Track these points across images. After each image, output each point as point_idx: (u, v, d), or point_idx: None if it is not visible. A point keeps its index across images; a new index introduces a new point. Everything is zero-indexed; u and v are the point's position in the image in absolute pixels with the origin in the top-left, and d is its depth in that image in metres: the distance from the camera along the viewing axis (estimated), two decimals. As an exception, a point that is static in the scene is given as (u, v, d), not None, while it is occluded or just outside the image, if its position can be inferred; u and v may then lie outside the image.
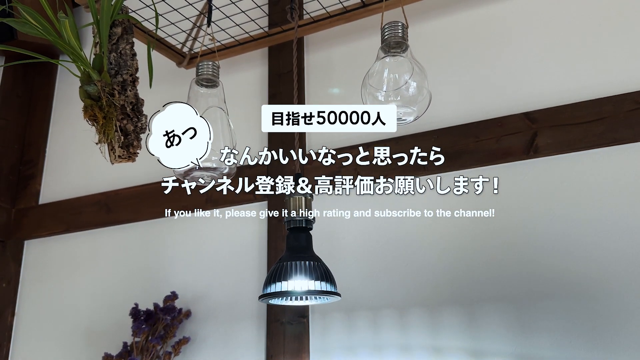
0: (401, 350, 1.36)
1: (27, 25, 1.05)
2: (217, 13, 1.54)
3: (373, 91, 1.11)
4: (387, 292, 1.42)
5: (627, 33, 1.37)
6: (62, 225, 1.96)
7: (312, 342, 1.47)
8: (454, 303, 1.35)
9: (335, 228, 1.52)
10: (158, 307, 1.56)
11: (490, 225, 1.36)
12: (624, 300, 1.20)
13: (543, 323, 1.25)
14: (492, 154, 1.40)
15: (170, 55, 1.66)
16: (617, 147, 1.30)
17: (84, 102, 1.08)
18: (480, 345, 1.30)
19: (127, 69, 1.11)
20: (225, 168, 1.17)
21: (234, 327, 1.58)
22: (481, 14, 1.55)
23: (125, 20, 1.15)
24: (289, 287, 1.00)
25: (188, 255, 1.72)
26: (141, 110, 1.13)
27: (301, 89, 1.70)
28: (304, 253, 1.05)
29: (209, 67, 1.21)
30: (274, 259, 1.54)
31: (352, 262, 1.48)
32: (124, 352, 1.52)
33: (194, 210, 1.73)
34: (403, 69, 1.10)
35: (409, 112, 1.10)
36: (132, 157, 1.09)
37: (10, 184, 2.09)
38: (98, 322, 1.76)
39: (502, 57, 1.49)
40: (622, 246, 1.23)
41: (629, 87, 1.32)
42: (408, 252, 1.43)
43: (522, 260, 1.31)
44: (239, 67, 1.81)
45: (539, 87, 1.42)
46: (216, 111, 1.18)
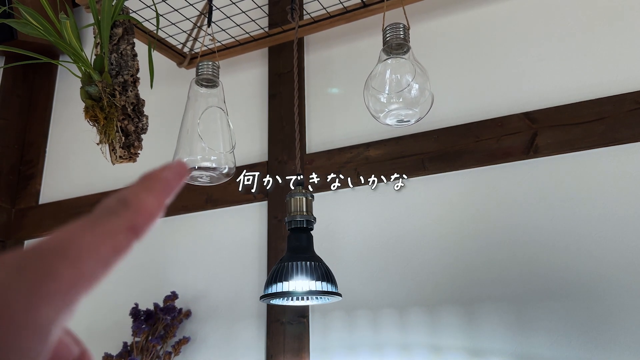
0: (401, 350, 1.36)
1: (28, 26, 1.05)
2: (217, 13, 1.54)
3: (375, 93, 1.11)
4: (387, 291, 1.42)
5: (627, 33, 1.37)
6: (62, 225, 1.95)
7: (312, 342, 1.47)
8: (453, 302, 1.35)
9: (336, 228, 1.53)
10: (158, 307, 1.56)
11: (490, 225, 1.36)
12: (623, 300, 1.21)
13: (543, 323, 1.26)
14: (492, 154, 1.40)
15: (171, 55, 1.66)
16: (617, 147, 1.30)
17: (85, 102, 1.08)
18: (480, 344, 1.30)
19: (128, 70, 1.11)
20: (225, 168, 1.17)
21: (234, 327, 1.58)
22: (481, 14, 1.55)
23: (126, 21, 1.15)
24: (290, 288, 1.00)
25: (188, 255, 1.72)
26: (142, 110, 1.13)
27: (301, 89, 1.70)
28: (305, 253, 1.05)
29: (209, 67, 1.21)
30: (274, 259, 1.54)
31: (353, 262, 1.48)
32: (124, 352, 1.53)
33: (193, 210, 1.73)
34: (405, 70, 1.11)
35: (411, 114, 1.10)
36: (133, 157, 1.09)
37: (10, 184, 2.09)
38: (98, 322, 1.76)
39: (502, 57, 1.49)
40: (622, 246, 1.23)
41: (629, 87, 1.32)
42: (408, 252, 1.43)
43: (522, 260, 1.31)
44: (239, 67, 1.81)
45: (539, 87, 1.42)
46: (216, 111, 1.18)
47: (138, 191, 0.22)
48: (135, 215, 0.21)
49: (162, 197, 0.22)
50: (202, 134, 1.12)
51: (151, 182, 0.22)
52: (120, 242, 0.20)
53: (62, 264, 0.18)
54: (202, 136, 1.12)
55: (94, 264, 0.19)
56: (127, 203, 0.21)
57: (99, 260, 0.19)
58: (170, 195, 0.23)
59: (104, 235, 0.19)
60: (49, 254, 0.18)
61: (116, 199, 0.21)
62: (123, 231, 0.20)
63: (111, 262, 0.19)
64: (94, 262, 0.19)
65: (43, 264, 0.18)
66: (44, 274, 0.17)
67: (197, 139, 1.12)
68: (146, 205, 0.21)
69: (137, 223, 0.21)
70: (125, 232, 0.20)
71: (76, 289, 0.18)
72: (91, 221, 0.20)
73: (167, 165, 0.23)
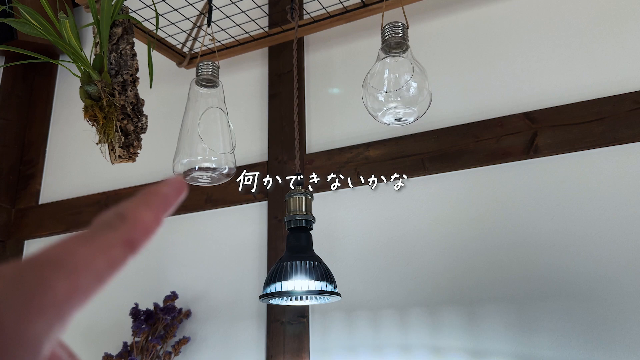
0: (401, 350, 1.36)
1: (27, 26, 1.05)
2: (217, 13, 1.54)
3: (374, 92, 1.11)
4: (387, 291, 1.42)
5: (627, 33, 1.37)
6: (62, 225, 1.96)
7: (312, 342, 1.47)
8: (454, 303, 1.35)
9: (336, 228, 1.53)
10: (158, 307, 1.56)
11: (490, 225, 1.36)
12: (624, 300, 1.20)
13: (543, 323, 1.26)
14: (492, 154, 1.40)
15: (171, 55, 1.66)
16: (617, 147, 1.30)
17: (85, 102, 1.08)
18: (480, 345, 1.30)
19: (127, 69, 1.11)
20: (225, 168, 1.17)
21: (234, 327, 1.58)
22: (481, 14, 1.55)
23: (125, 21, 1.15)
24: (290, 287, 1.00)
25: (188, 255, 1.72)
26: (141, 110, 1.13)
27: (301, 89, 1.70)
28: (305, 253, 1.05)
29: (209, 67, 1.21)
30: (274, 258, 1.54)
31: (352, 262, 1.48)
32: (124, 352, 1.52)
33: (193, 210, 1.73)
34: (403, 69, 1.10)
35: (410, 113, 1.10)
36: (132, 157, 1.09)
37: (10, 184, 2.09)
38: (98, 322, 1.76)
39: (502, 57, 1.49)
40: (622, 246, 1.23)
41: (629, 87, 1.32)
42: (408, 252, 1.43)
43: (522, 260, 1.31)
44: (239, 67, 1.81)
45: (539, 87, 1.42)
46: (216, 111, 1.18)
47: (136, 205, 0.22)
48: (132, 229, 0.21)
49: (160, 212, 0.22)
50: (202, 135, 1.12)
51: (150, 197, 0.22)
52: (116, 255, 0.20)
53: (56, 276, 0.18)
54: (202, 137, 1.12)
55: (89, 277, 0.19)
56: (124, 217, 0.21)
57: (94, 273, 0.19)
58: (168, 210, 0.23)
59: (99, 249, 0.19)
60: (45, 265, 0.18)
61: (114, 212, 0.21)
62: (119, 245, 0.20)
63: (106, 275, 0.19)
64: (89, 275, 0.19)
65: (38, 276, 0.18)
66: (37, 286, 0.17)
67: (198, 139, 1.12)
68: (143, 220, 0.21)
69: (134, 237, 0.21)
70: (121, 245, 0.20)
71: (70, 302, 0.18)
72: (88, 234, 0.20)
73: (166, 181, 0.23)
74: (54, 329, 0.18)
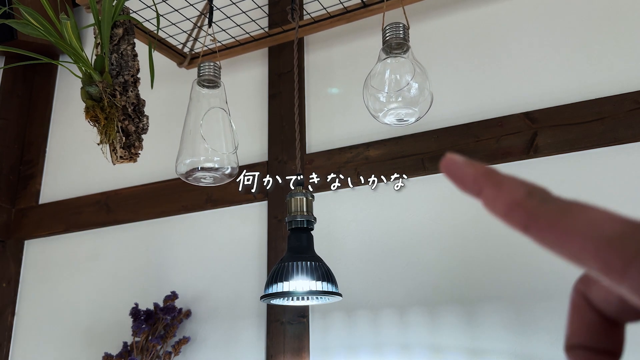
0: (401, 350, 1.37)
1: (28, 26, 1.05)
2: (217, 13, 1.54)
3: (375, 92, 1.11)
4: (387, 291, 1.42)
5: (627, 33, 1.37)
6: (62, 225, 1.96)
7: (312, 342, 1.47)
8: (453, 302, 1.35)
9: (336, 228, 1.53)
10: (158, 307, 1.56)
11: (490, 225, 1.36)
12: (623, 300, 1.21)
13: (543, 323, 1.26)
14: (492, 154, 1.40)
15: (171, 55, 1.67)
16: (617, 147, 1.30)
17: (86, 103, 1.08)
18: (480, 344, 1.30)
19: (128, 70, 1.11)
20: (228, 168, 1.18)
21: (234, 327, 1.58)
22: (481, 14, 1.55)
23: (126, 21, 1.15)
24: (291, 288, 1.00)
25: (188, 255, 1.72)
26: (142, 110, 1.14)
27: (301, 89, 1.70)
28: (305, 253, 1.05)
29: (211, 67, 1.21)
30: (274, 259, 1.54)
31: (353, 262, 1.48)
32: (124, 352, 1.53)
33: (193, 210, 1.74)
34: (404, 69, 1.11)
35: (411, 113, 1.11)
36: (133, 157, 1.09)
37: (10, 184, 2.09)
38: (98, 322, 1.76)
39: (502, 57, 1.49)
40: (621, 246, 1.24)
41: (629, 87, 1.32)
42: (408, 252, 1.43)
43: (522, 260, 1.31)
44: (239, 67, 1.81)
45: (539, 87, 1.42)
46: (218, 112, 1.18)
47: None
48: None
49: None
50: (204, 135, 1.13)
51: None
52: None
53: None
54: (204, 137, 1.12)
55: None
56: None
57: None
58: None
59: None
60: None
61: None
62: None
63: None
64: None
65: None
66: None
67: (200, 140, 1.12)
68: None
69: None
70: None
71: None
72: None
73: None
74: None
